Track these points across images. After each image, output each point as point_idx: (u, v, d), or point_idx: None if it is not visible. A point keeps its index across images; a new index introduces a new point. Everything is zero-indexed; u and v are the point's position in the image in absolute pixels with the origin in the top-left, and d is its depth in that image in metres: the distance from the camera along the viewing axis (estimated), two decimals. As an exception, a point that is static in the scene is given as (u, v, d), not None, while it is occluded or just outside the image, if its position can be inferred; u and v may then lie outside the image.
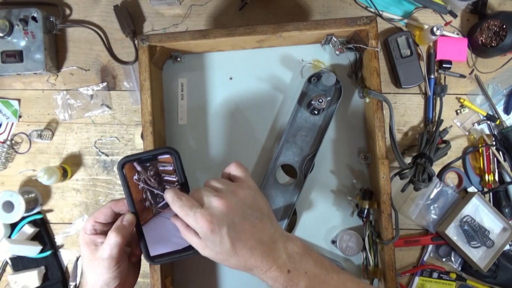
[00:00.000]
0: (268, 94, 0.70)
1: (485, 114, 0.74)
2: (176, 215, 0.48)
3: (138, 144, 0.74)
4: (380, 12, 0.74)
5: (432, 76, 0.74)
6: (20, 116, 0.77)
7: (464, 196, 0.73)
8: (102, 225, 0.51)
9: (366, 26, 0.62)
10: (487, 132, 0.74)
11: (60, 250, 0.76)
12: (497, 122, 0.73)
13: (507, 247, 0.72)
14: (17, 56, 0.72)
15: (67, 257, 0.76)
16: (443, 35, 0.74)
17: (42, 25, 0.72)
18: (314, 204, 0.69)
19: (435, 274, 0.73)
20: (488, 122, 0.74)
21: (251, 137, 0.69)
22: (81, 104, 0.76)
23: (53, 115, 0.77)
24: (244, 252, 0.46)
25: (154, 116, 0.63)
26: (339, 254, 0.67)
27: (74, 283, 0.75)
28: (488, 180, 0.72)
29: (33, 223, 0.75)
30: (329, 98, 0.64)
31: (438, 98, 0.74)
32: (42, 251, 0.75)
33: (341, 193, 0.68)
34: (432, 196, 0.72)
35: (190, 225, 0.47)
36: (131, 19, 0.75)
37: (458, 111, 0.75)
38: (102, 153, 0.76)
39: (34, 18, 0.72)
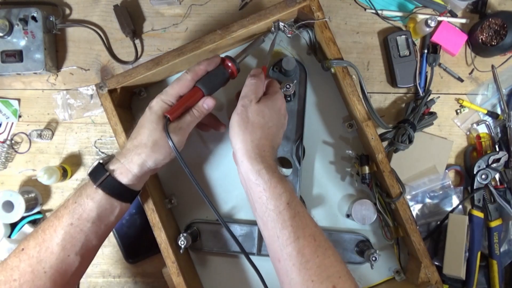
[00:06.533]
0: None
1: (485, 111, 0.74)
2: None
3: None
4: (380, 12, 0.74)
5: (425, 51, 0.74)
6: (20, 116, 0.77)
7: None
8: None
9: (306, 1, 0.62)
10: (487, 131, 0.74)
11: (60, 250, 0.76)
12: (500, 118, 0.73)
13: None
14: (17, 55, 0.72)
15: (67, 257, 0.76)
16: (449, 23, 0.74)
17: (42, 25, 0.72)
18: (317, 187, 0.70)
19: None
20: (488, 121, 0.74)
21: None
22: (81, 104, 0.76)
23: (53, 115, 0.77)
24: (252, 136, 0.54)
25: None
26: (359, 227, 0.68)
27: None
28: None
29: (33, 223, 0.75)
30: (295, 81, 0.65)
31: (430, 68, 0.74)
32: (42, 251, 0.75)
33: (340, 167, 0.69)
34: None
35: (244, 91, 0.57)
36: (131, 19, 0.75)
37: (458, 111, 0.75)
38: (102, 152, 0.76)
39: (34, 18, 0.72)
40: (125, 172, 0.53)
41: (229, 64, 0.59)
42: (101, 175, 0.53)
